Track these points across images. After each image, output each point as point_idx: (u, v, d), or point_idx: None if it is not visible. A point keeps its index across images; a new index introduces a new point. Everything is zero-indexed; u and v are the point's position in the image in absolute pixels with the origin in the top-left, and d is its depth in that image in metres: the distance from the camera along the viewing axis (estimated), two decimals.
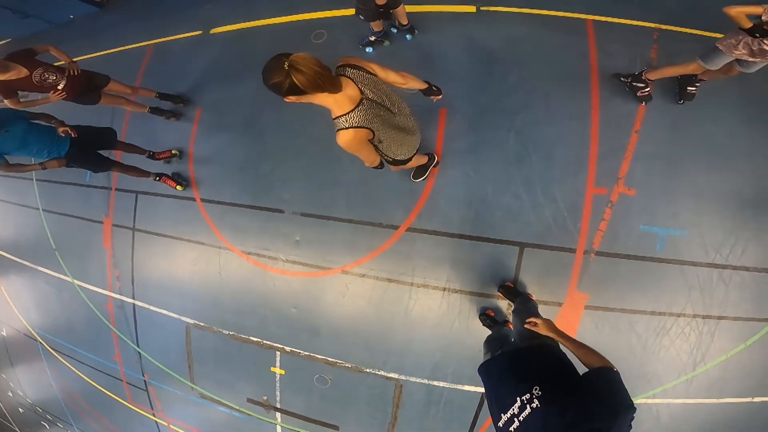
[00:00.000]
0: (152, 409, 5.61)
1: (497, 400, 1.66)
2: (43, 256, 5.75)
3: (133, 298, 4.96)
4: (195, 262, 4.47)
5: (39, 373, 6.94)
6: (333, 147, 3.65)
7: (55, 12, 6.24)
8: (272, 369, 4.37)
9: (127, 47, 5.43)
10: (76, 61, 3.57)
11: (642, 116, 3.34)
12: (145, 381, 5.39)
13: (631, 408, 1.30)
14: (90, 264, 5.26)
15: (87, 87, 3.75)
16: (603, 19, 3.54)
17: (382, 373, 3.93)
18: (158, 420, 5.65)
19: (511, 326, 3.33)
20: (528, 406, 1.46)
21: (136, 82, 5.00)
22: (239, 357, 4.49)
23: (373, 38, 3.94)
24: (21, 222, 6.10)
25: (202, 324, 4.58)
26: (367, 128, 1.85)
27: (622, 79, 3.35)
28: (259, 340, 4.33)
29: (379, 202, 3.75)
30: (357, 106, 1.80)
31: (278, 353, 4.29)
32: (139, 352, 5.17)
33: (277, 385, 4.42)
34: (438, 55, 3.78)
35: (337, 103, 1.77)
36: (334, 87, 1.69)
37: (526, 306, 2.77)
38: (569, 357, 1.82)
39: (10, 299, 6.60)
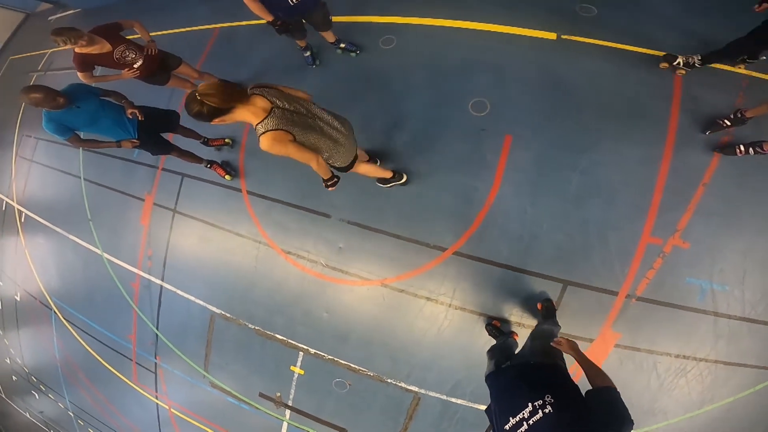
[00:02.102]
0: (156, 391, 5.55)
1: (506, 405, 1.72)
2: (76, 224, 5.76)
3: (162, 279, 4.96)
4: (232, 253, 4.48)
5: (45, 342, 6.89)
6: (392, 158, 3.80)
7: None
8: (292, 368, 4.36)
9: (194, 28, 5.52)
10: (154, 41, 3.64)
11: (714, 168, 3.35)
12: (156, 363, 5.35)
13: (631, 423, 1.45)
14: (123, 239, 5.27)
15: (160, 67, 3.81)
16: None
17: (402, 384, 3.92)
18: (159, 402, 5.59)
19: (516, 337, 3.43)
20: (540, 410, 1.54)
21: (197, 64, 5.08)
22: (260, 352, 4.47)
23: (308, 53, 4.31)
24: (59, 188, 6.14)
25: (228, 315, 4.57)
26: (282, 130, 2.10)
27: (725, 122, 3.30)
28: (284, 338, 4.31)
29: (429, 222, 3.75)
30: (269, 113, 2.09)
31: (301, 353, 4.27)
32: (156, 335, 5.14)
33: (294, 383, 4.40)
34: (511, 79, 3.78)
35: (254, 114, 2.07)
36: (243, 97, 2.02)
37: (553, 330, 2.89)
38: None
39: (32, 264, 6.59)
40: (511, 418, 1.61)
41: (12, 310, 7.44)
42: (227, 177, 4.44)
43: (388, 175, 3.66)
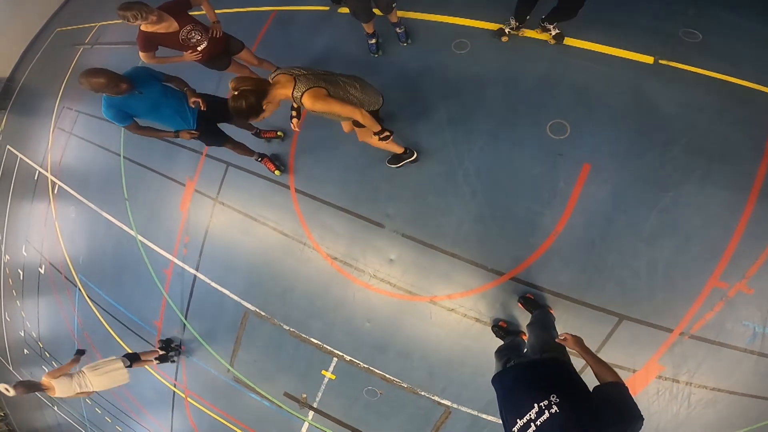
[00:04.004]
0: (175, 380, 5.47)
1: (513, 406, 1.72)
2: (112, 203, 5.69)
3: (197, 269, 4.87)
4: (273, 251, 4.38)
5: (64, 317, 6.84)
6: (456, 174, 3.66)
7: None
8: (323, 372, 4.29)
9: (248, 9, 5.35)
10: (219, 22, 3.48)
11: None
12: (179, 352, 5.26)
13: (641, 419, 1.43)
14: (160, 223, 5.19)
15: (222, 51, 3.66)
16: None
17: (436, 398, 3.87)
18: (176, 390, 5.52)
19: (524, 337, 3.37)
20: (547, 411, 1.53)
21: (252, 48, 4.95)
22: (292, 353, 4.39)
23: (373, 41, 4.11)
24: (97, 164, 6.06)
25: (263, 313, 4.48)
26: (316, 86, 2.33)
27: None
28: (319, 342, 4.22)
29: (489, 245, 3.62)
30: (296, 80, 2.34)
31: (335, 359, 4.20)
32: (184, 324, 5.05)
33: (323, 387, 4.34)
34: (596, 101, 3.54)
35: (285, 86, 2.33)
36: (268, 82, 2.36)
37: (545, 319, 2.97)
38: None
39: (61, 237, 6.53)
40: (518, 420, 1.61)
41: (34, 281, 7.39)
42: (276, 172, 4.33)
43: (400, 150, 3.56)
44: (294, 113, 2.84)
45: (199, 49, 3.41)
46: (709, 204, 3.25)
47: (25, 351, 8.72)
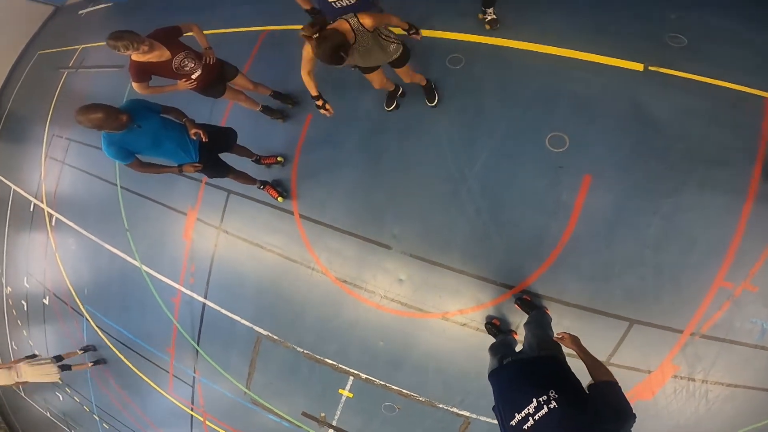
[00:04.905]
0: (192, 403, 5.52)
1: (510, 401, 1.76)
2: (113, 234, 5.66)
3: (205, 297, 4.89)
4: (282, 276, 4.40)
5: (74, 346, 6.83)
6: (460, 192, 3.68)
7: None
8: (340, 391, 4.33)
9: (238, 29, 5.28)
10: (212, 48, 3.42)
11: None
12: (194, 377, 5.31)
13: (633, 416, 1.49)
14: (164, 253, 5.19)
15: (217, 78, 3.58)
16: None
17: (454, 409, 3.92)
18: (195, 414, 5.57)
19: (515, 336, 3.50)
20: (545, 406, 1.58)
21: (243, 70, 4.89)
22: (308, 374, 4.44)
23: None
24: (94, 194, 6.02)
25: (275, 337, 4.51)
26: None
27: None
28: (335, 363, 4.27)
29: (497, 259, 3.66)
30: (344, 19, 2.55)
31: (351, 378, 4.24)
32: (197, 350, 5.09)
33: (341, 405, 4.39)
34: (592, 112, 3.57)
35: (342, 25, 2.51)
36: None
37: (542, 319, 2.99)
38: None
39: (63, 269, 6.51)
40: (516, 414, 1.65)
41: (39, 312, 7.38)
42: (279, 198, 4.33)
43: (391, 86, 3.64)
44: (320, 102, 2.94)
45: (193, 77, 3.34)
46: (709, 207, 3.31)
47: None
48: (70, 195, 6.46)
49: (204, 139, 3.09)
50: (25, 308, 7.86)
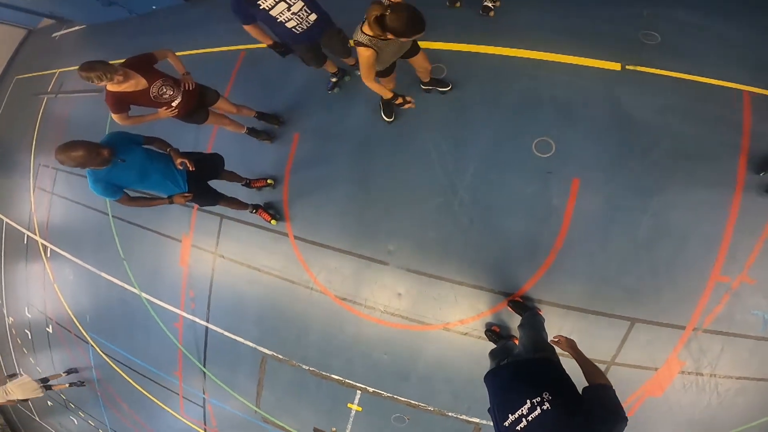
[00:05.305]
0: (205, 424, 5.58)
1: (505, 402, 1.78)
2: (109, 263, 5.65)
3: (207, 321, 4.91)
4: (282, 297, 4.41)
5: (83, 372, 6.88)
6: (452, 204, 3.68)
7: (138, 1, 6.05)
8: (349, 405, 4.36)
9: (215, 49, 5.20)
10: (189, 73, 3.34)
11: None
12: (204, 398, 5.36)
13: (625, 420, 1.50)
14: (162, 280, 5.19)
15: (198, 104, 3.50)
16: (762, 91, 3.38)
17: (464, 417, 3.95)
18: None
19: (515, 341, 3.47)
20: (539, 407, 1.60)
21: (225, 92, 4.83)
22: (315, 391, 4.47)
23: (334, 80, 4.11)
24: (86, 224, 5.99)
25: (280, 356, 4.54)
26: None
27: None
28: (341, 378, 4.30)
29: (494, 268, 3.68)
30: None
31: (359, 392, 4.27)
32: (204, 372, 5.12)
33: (351, 419, 4.42)
34: (575, 115, 3.58)
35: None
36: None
37: (534, 320, 2.99)
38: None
39: (63, 298, 6.50)
40: (510, 415, 1.67)
41: (44, 340, 7.41)
42: (273, 222, 4.31)
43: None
44: (399, 100, 2.87)
45: (173, 104, 3.24)
46: (698, 202, 3.33)
47: (49, 403, 8.79)
48: (62, 226, 6.42)
49: (191, 169, 3.04)
50: (30, 337, 7.88)
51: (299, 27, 3.18)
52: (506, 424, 1.67)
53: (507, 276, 3.68)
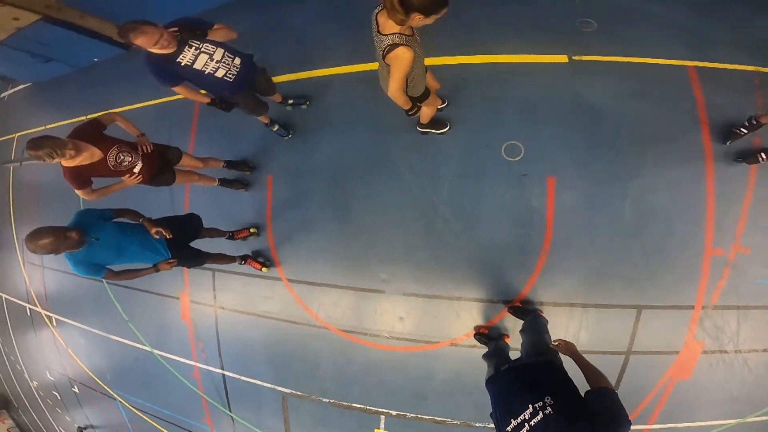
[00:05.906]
0: None
1: (507, 407, 1.78)
2: (116, 326, 5.69)
3: (222, 369, 4.97)
4: (288, 338, 4.44)
5: (118, 427, 7.03)
6: (435, 223, 3.64)
7: (77, 55, 5.86)
8: (376, 431, 4.45)
9: (167, 98, 5.01)
10: (144, 134, 3.17)
11: (755, 173, 3.30)
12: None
13: (629, 423, 1.49)
14: (170, 336, 5.22)
15: (161, 165, 3.35)
16: (705, 65, 3.38)
17: (491, 426, 3.99)
18: None
19: (507, 340, 3.58)
20: (541, 412, 1.59)
21: (189, 146, 4.70)
22: (340, 421, 4.54)
23: (275, 128, 4.09)
24: (83, 292, 5.99)
25: (299, 393, 4.61)
26: None
27: (741, 131, 3.23)
28: (362, 406, 4.38)
29: (489, 279, 3.68)
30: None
31: (383, 417, 4.35)
32: (232, 417, 5.24)
33: None
34: (537, 113, 3.56)
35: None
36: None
37: (536, 323, 2.98)
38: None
39: (80, 360, 6.58)
40: (512, 420, 1.67)
41: (73, 399, 7.55)
42: (264, 269, 4.28)
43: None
44: (417, 107, 2.72)
45: (135, 170, 3.04)
46: (674, 181, 3.34)
47: None
48: (60, 296, 6.42)
49: (167, 237, 2.95)
50: (59, 397, 8.04)
51: (230, 74, 3.03)
52: (509, 429, 1.67)
53: (503, 284, 3.68)
